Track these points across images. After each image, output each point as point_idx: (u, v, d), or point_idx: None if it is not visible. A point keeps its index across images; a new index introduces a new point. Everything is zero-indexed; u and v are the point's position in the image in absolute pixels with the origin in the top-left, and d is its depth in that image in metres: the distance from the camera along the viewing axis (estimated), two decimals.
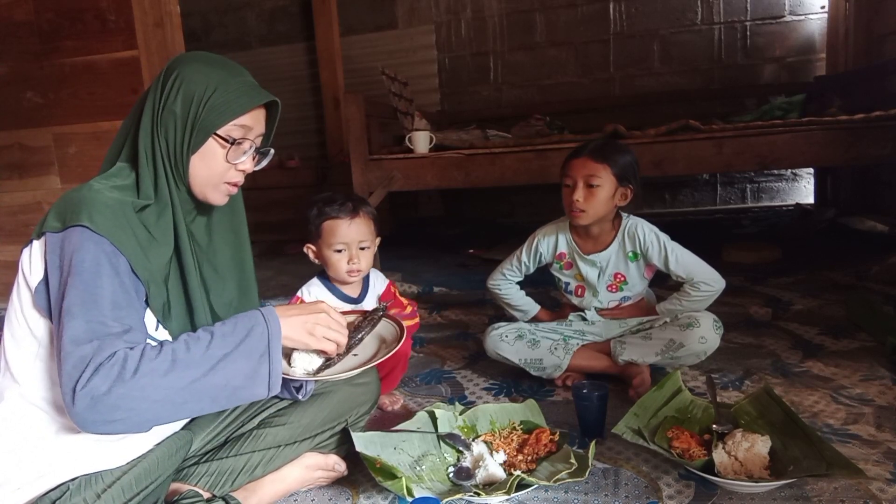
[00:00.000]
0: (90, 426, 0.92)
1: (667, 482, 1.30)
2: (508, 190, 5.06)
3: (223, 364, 0.98)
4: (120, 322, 0.97)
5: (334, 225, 1.65)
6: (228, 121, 1.11)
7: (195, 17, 5.80)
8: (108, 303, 0.96)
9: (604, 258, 1.88)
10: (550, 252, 1.96)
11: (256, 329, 1.03)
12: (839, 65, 4.22)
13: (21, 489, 1.02)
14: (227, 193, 1.19)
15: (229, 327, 1.02)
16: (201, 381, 0.96)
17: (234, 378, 0.99)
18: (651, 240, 1.83)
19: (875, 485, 1.24)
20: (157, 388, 0.93)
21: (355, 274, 1.66)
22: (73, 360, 0.91)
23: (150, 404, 0.93)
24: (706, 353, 1.76)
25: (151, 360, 0.94)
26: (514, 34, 5.17)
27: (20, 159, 2.94)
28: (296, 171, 4.87)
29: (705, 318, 1.76)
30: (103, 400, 0.90)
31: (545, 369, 1.85)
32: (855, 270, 2.85)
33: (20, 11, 2.79)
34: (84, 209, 1.00)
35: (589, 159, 1.79)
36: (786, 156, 2.83)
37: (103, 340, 0.93)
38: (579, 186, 1.78)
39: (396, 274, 3.41)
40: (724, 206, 5.01)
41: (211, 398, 0.99)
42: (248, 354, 1.00)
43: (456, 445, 1.42)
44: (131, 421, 0.93)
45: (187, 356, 0.96)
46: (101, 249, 0.98)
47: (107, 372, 0.91)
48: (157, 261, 1.08)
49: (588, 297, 1.94)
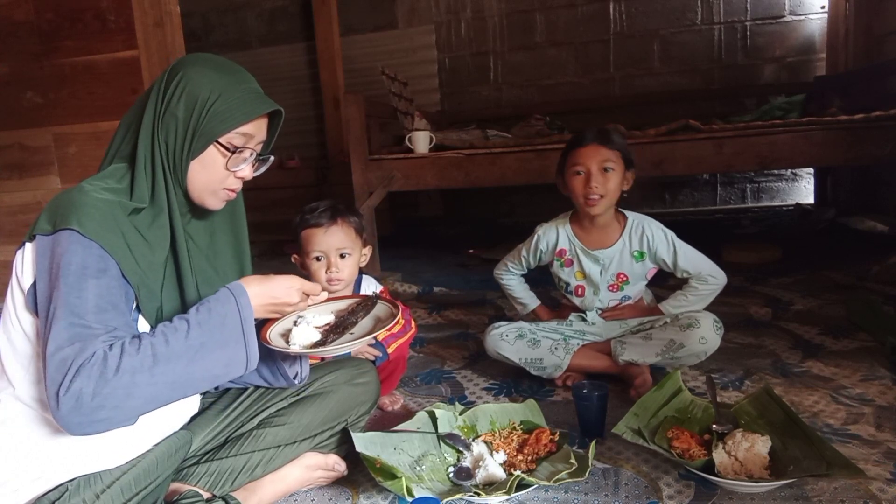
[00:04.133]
0: (76, 428, 0.92)
1: (667, 482, 1.30)
2: (508, 190, 5.06)
3: (202, 354, 0.99)
4: (104, 325, 0.96)
5: (310, 233, 1.64)
6: (231, 129, 1.10)
7: (195, 17, 5.80)
8: (91, 306, 0.96)
9: (608, 255, 1.88)
10: (550, 249, 1.95)
11: (229, 317, 1.04)
12: (839, 65, 4.22)
13: (19, 490, 1.02)
14: (225, 199, 1.18)
15: (204, 314, 1.03)
16: (182, 374, 0.98)
17: (215, 367, 1.02)
18: (660, 237, 1.84)
19: (875, 485, 1.23)
20: (140, 384, 0.94)
21: (335, 283, 1.63)
22: (55, 363, 0.91)
23: (133, 400, 0.94)
24: (706, 354, 1.76)
25: (132, 356, 0.94)
26: (514, 34, 5.17)
27: (20, 159, 2.94)
28: (296, 171, 4.87)
29: (705, 318, 1.76)
30: (87, 401, 0.90)
31: (545, 369, 1.84)
32: (855, 270, 2.84)
33: (20, 11, 2.79)
34: (74, 212, 0.99)
35: (600, 146, 1.80)
36: (786, 156, 2.83)
37: (85, 342, 0.93)
38: (594, 173, 1.78)
39: (396, 274, 3.41)
40: (724, 206, 5.01)
41: (194, 388, 1.03)
42: (225, 343, 1.02)
43: (456, 445, 1.42)
44: (116, 418, 0.94)
45: (167, 350, 0.97)
46: (89, 253, 0.98)
47: (88, 372, 0.90)
48: (148, 265, 1.08)
49: (589, 297, 1.93)
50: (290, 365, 1.29)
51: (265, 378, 1.29)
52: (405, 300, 2.96)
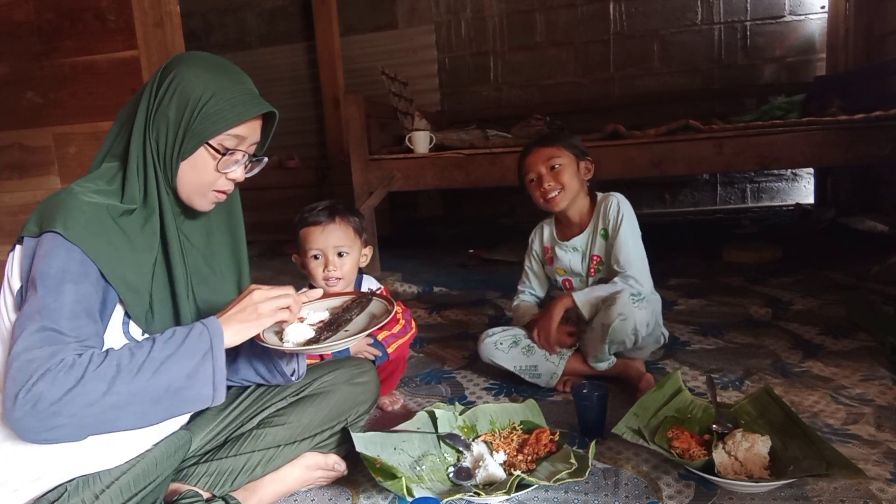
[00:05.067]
0: (27, 433, 0.90)
1: (667, 482, 1.30)
2: (508, 190, 5.04)
3: (165, 366, 0.95)
4: (76, 333, 0.95)
5: (308, 231, 1.64)
6: (222, 130, 1.08)
7: (195, 17, 5.80)
8: (67, 312, 0.95)
9: (581, 241, 1.89)
10: (541, 247, 1.97)
11: (195, 330, 1.00)
12: (839, 65, 4.22)
13: (18, 491, 1.01)
14: (214, 201, 1.17)
15: (169, 334, 1.00)
16: (144, 385, 0.94)
17: (177, 378, 0.96)
18: (615, 209, 1.83)
19: (875, 485, 1.23)
20: (101, 392, 0.91)
21: (333, 281, 1.63)
22: (20, 363, 0.90)
23: (92, 410, 0.91)
24: (635, 332, 1.69)
25: (97, 366, 0.92)
26: (514, 34, 5.17)
27: (20, 159, 2.93)
28: (296, 171, 4.87)
29: (623, 293, 1.70)
30: (45, 406, 0.88)
31: (540, 376, 1.83)
32: (855, 270, 2.84)
33: (20, 11, 2.79)
34: (59, 215, 0.98)
35: (541, 148, 1.86)
36: (786, 156, 2.83)
37: (54, 347, 0.92)
38: (543, 174, 1.84)
39: (396, 274, 3.41)
40: (724, 206, 5.01)
41: (153, 400, 0.95)
42: (190, 354, 0.98)
43: (456, 445, 1.42)
44: (71, 427, 0.91)
45: (131, 362, 0.94)
46: (70, 257, 0.97)
47: (52, 377, 0.89)
48: (136, 268, 1.06)
49: (577, 287, 1.92)
50: (287, 362, 1.28)
51: (262, 375, 1.29)
52: (405, 300, 2.96)
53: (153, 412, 0.97)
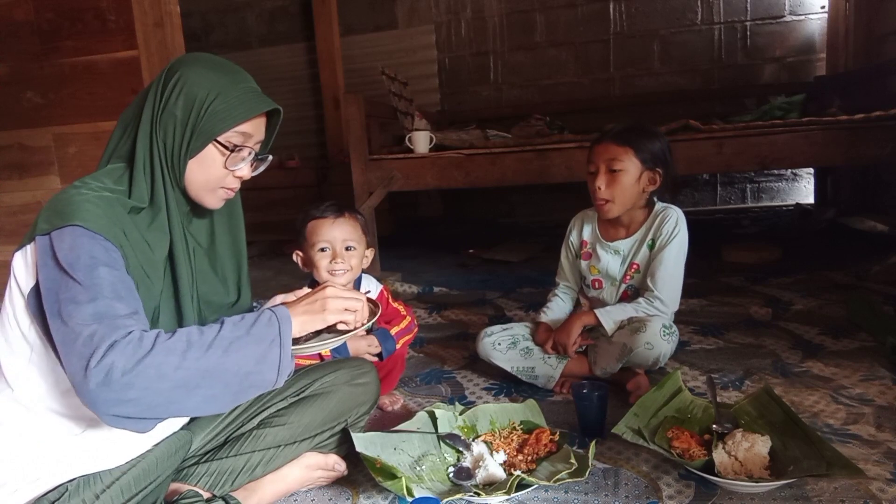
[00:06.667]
0: (102, 405, 0.88)
1: (667, 482, 1.30)
2: (508, 190, 5.06)
3: (235, 347, 0.96)
4: (127, 308, 0.95)
5: (317, 224, 1.66)
6: (229, 127, 1.09)
7: (195, 17, 5.80)
8: (109, 291, 0.95)
9: (626, 246, 1.81)
10: (578, 241, 1.91)
11: (264, 316, 1.02)
12: (839, 65, 4.23)
13: (18, 491, 1.02)
14: (224, 198, 1.18)
15: (237, 318, 1.01)
16: (215, 363, 0.94)
17: (246, 362, 0.97)
18: (671, 225, 1.73)
19: (875, 485, 1.23)
20: (173, 366, 0.91)
21: (339, 272, 1.64)
22: (83, 338, 0.89)
23: (164, 384, 0.90)
24: (656, 361, 1.67)
25: (166, 340, 0.93)
26: (514, 34, 5.17)
27: (20, 159, 2.94)
28: (296, 172, 4.87)
29: (654, 322, 1.66)
30: (118, 376, 0.87)
31: (538, 378, 1.82)
32: (855, 270, 2.85)
33: (20, 11, 2.79)
34: (74, 209, 0.99)
35: (611, 143, 1.73)
36: (786, 156, 2.83)
37: (114, 321, 0.91)
38: (601, 172, 1.73)
39: (396, 274, 3.41)
40: (724, 206, 5.01)
41: (224, 383, 0.96)
42: (259, 339, 0.99)
43: (456, 445, 1.42)
44: (144, 402, 0.90)
45: (201, 338, 0.95)
46: (95, 244, 0.97)
47: (122, 348, 0.89)
48: (149, 264, 1.07)
49: (607, 290, 1.88)
50: None
51: None
52: (405, 300, 2.96)
53: (222, 396, 0.97)
